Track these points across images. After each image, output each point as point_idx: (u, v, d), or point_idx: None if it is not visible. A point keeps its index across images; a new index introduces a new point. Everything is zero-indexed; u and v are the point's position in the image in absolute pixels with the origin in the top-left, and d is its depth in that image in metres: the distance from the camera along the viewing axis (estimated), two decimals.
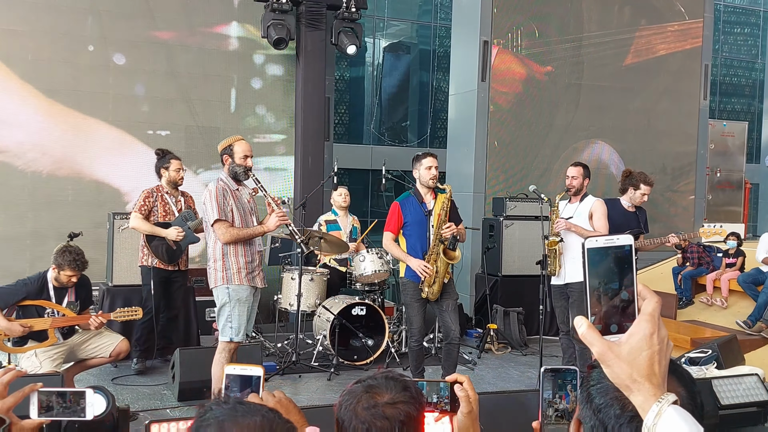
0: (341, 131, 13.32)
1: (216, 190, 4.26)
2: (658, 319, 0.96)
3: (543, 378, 1.37)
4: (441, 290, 4.82)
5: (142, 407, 4.69)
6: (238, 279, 4.28)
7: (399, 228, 4.89)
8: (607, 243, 0.96)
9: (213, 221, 4.24)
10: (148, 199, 5.49)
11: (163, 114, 7.81)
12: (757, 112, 16.05)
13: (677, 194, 9.99)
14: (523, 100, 9.10)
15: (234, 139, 4.48)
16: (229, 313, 4.28)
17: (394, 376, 1.47)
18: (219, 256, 4.29)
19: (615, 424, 1.03)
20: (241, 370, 1.46)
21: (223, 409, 1.07)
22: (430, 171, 4.82)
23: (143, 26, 7.68)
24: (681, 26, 9.98)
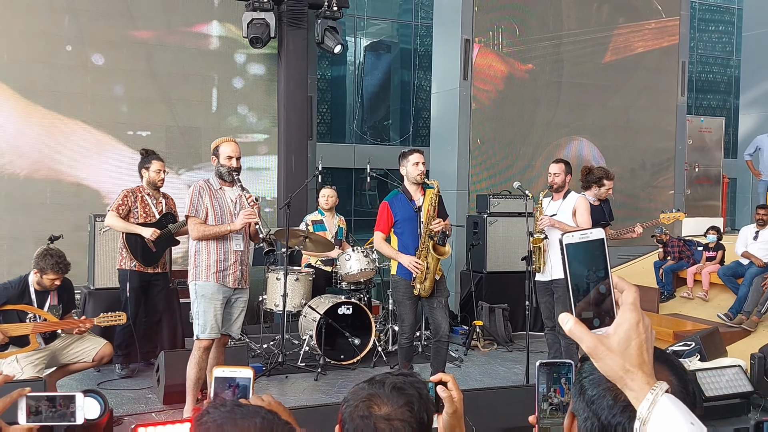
0: (323, 130, 13.28)
1: (193, 188, 4.39)
2: (639, 307, 0.97)
3: (538, 372, 1.36)
4: (432, 287, 4.82)
5: (126, 411, 4.64)
6: (205, 276, 4.32)
7: (389, 227, 4.88)
8: (582, 238, 0.97)
9: (185, 217, 4.39)
10: (127, 198, 5.40)
11: (143, 114, 7.72)
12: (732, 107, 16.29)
13: (656, 189, 10.10)
14: (505, 98, 9.14)
15: (222, 141, 4.51)
16: (196, 309, 4.34)
17: (403, 387, 1.41)
18: (192, 252, 4.40)
19: (608, 415, 1.03)
20: (230, 372, 1.43)
21: (221, 412, 1.06)
22: (418, 167, 4.83)
23: (122, 26, 7.59)
24: (658, 24, 10.09)
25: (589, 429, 1.06)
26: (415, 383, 1.45)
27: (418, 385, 1.45)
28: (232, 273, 4.38)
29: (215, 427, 1.02)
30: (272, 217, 8.17)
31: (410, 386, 1.42)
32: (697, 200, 11.23)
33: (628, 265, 9.50)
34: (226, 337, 4.51)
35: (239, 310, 4.52)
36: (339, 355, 5.83)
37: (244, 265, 4.51)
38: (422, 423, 1.41)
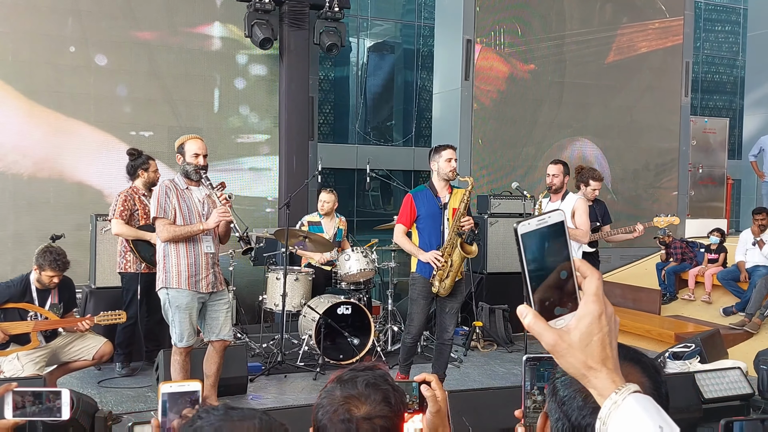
0: (326, 131, 13.30)
1: (159, 188, 4.23)
2: (602, 297, 0.91)
3: (524, 367, 1.37)
4: (452, 286, 4.68)
5: (126, 410, 4.66)
6: (176, 282, 4.18)
7: (412, 221, 4.72)
8: (540, 224, 0.91)
9: (152, 219, 4.22)
10: (127, 203, 5.37)
11: (145, 115, 7.76)
12: (738, 108, 16.22)
13: (660, 190, 10.08)
14: (507, 98, 9.13)
15: (186, 138, 4.34)
16: (172, 318, 4.23)
17: (376, 382, 1.41)
18: (161, 257, 4.22)
19: (578, 416, 1.03)
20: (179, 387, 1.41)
21: (216, 415, 1.05)
22: (450, 163, 4.68)
23: (125, 26, 7.63)
24: (662, 24, 10.06)
25: (561, 430, 1.06)
26: (385, 376, 1.45)
27: (387, 377, 1.45)
28: (204, 278, 4.25)
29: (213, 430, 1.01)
30: (273, 217, 8.20)
31: (382, 380, 1.42)
32: (700, 201, 11.20)
33: (631, 266, 9.49)
34: (224, 342, 4.44)
35: (224, 312, 4.41)
36: (338, 355, 5.84)
37: (217, 267, 4.36)
38: (400, 413, 1.42)
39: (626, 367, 1.05)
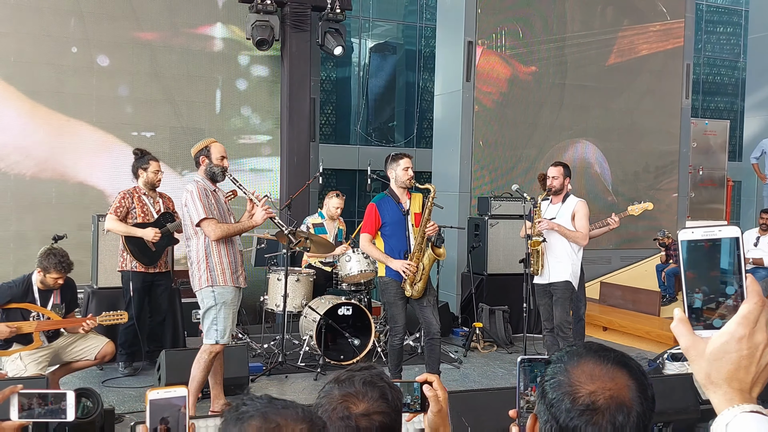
0: (328, 132, 13.32)
1: (198, 190, 4.26)
2: (754, 322, 0.90)
3: (518, 368, 1.39)
4: (424, 288, 4.86)
5: (128, 409, 4.69)
6: (222, 279, 4.26)
7: (377, 229, 4.90)
8: (705, 235, 0.92)
9: (199, 220, 4.22)
10: (125, 200, 5.43)
11: (147, 115, 7.79)
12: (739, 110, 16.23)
13: (660, 192, 10.09)
14: (508, 100, 9.15)
15: (209, 141, 4.48)
16: (215, 315, 4.26)
17: (373, 380, 1.44)
18: (203, 257, 4.26)
19: (566, 418, 1.05)
20: (165, 393, 1.39)
21: (260, 403, 1.06)
22: (408, 172, 4.87)
23: (127, 27, 7.66)
24: (663, 26, 10.08)
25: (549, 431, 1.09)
26: (381, 374, 1.48)
27: (384, 375, 1.48)
28: (241, 273, 4.42)
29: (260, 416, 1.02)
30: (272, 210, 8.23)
31: (378, 378, 1.45)
32: (701, 203, 11.22)
33: (631, 268, 9.51)
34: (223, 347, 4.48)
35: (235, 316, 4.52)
36: (339, 356, 5.86)
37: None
38: (398, 410, 1.45)
39: (614, 370, 1.08)
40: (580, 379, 1.07)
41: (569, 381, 1.07)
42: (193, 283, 4.36)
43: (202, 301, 4.32)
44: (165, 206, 5.65)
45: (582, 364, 1.09)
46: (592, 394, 1.05)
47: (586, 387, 1.06)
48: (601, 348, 1.12)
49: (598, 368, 1.08)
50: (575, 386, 1.06)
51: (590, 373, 1.07)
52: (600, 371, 1.07)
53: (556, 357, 1.13)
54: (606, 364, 1.08)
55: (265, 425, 1.00)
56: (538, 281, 5.36)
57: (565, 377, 1.08)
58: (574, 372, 1.08)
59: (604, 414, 1.04)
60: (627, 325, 7.38)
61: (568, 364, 1.10)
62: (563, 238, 5.22)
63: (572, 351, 1.13)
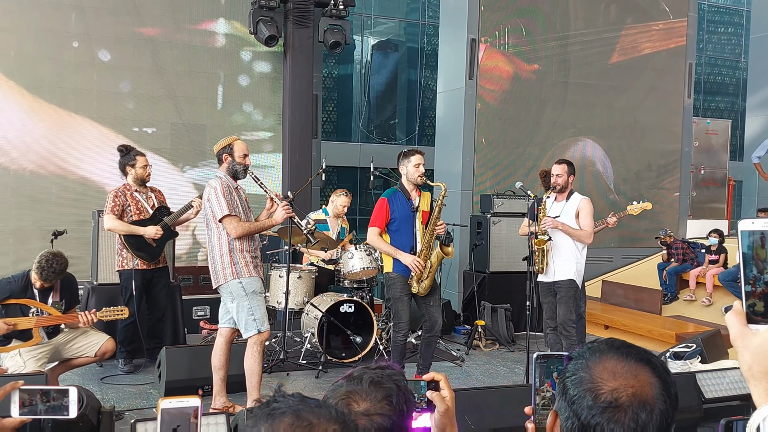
0: (329, 129, 13.30)
1: (222, 186, 4.34)
2: None
3: (534, 365, 1.37)
4: (430, 285, 4.88)
5: (128, 406, 4.66)
6: (247, 272, 4.35)
7: (386, 223, 4.90)
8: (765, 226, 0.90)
9: (222, 216, 4.30)
10: (118, 199, 5.39)
11: (148, 111, 7.76)
12: (740, 110, 16.21)
13: (662, 191, 10.07)
14: (511, 98, 9.13)
15: (233, 139, 4.55)
16: (249, 306, 4.33)
17: (381, 381, 1.42)
18: (226, 251, 4.34)
19: (588, 415, 1.04)
20: (177, 403, 1.37)
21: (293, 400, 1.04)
22: (419, 168, 4.87)
23: (128, 22, 7.62)
24: (666, 25, 10.05)
25: (570, 428, 1.07)
26: (393, 375, 1.45)
27: (396, 377, 1.45)
28: (259, 265, 4.51)
29: (293, 414, 1.00)
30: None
31: (388, 379, 1.43)
32: (702, 203, 11.20)
33: (633, 266, 9.49)
34: (236, 331, 4.53)
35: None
36: (340, 353, 5.84)
37: None
38: (402, 414, 1.42)
39: (637, 367, 1.06)
40: (602, 376, 1.05)
41: (591, 377, 1.05)
42: (216, 279, 4.40)
43: (230, 294, 4.36)
44: (158, 200, 5.61)
45: (604, 361, 1.07)
46: (615, 391, 1.03)
47: (609, 384, 1.04)
48: (624, 344, 1.10)
49: (620, 365, 1.06)
50: (597, 383, 1.05)
51: (612, 370, 1.05)
52: (622, 368, 1.06)
53: (578, 353, 1.11)
54: (629, 361, 1.06)
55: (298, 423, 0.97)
56: (543, 279, 5.34)
57: (587, 374, 1.06)
58: (596, 368, 1.06)
59: (627, 411, 1.02)
60: (629, 324, 7.36)
61: (590, 360, 1.08)
62: (567, 236, 5.19)
63: (594, 347, 1.11)
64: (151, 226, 5.37)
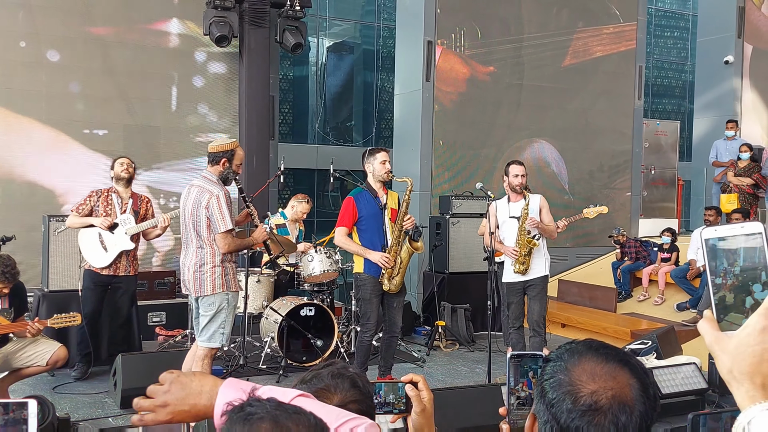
0: (285, 131, 13.18)
1: (225, 197, 4.31)
2: None
3: (508, 365, 1.36)
4: (401, 282, 4.90)
5: (82, 416, 4.52)
6: (234, 285, 4.38)
7: (353, 223, 4.89)
8: (729, 232, 0.92)
9: (225, 230, 4.26)
10: (90, 198, 5.32)
11: (99, 112, 7.56)
12: (687, 112, 16.71)
13: (614, 191, 10.30)
14: (467, 100, 9.21)
15: (235, 145, 4.52)
16: (224, 319, 4.31)
17: (341, 372, 1.46)
18: (219, 262, 4.32)
19: (567, 419, 1.03)
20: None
21: (269, 405, 1.00)
22: (385, 165, 4.88)
23: (78, 22, 7.41)
24: (616, 29, 10.29)
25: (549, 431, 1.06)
26: (347, 366, 1.50)
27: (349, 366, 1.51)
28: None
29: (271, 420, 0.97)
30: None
31: (345, 369, 1.47)
32: (653, 202, 11.49)
33: (587, 265, 9.67)
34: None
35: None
36: (301, 357, 5.78)
37: None
38: (371, 396, 1.46)
39: (616, 368, 1.06)
40: (581, 378, 1.04)
41: (570, 380, 1.05)
42: (201, 288, 4.31)
43: (212, 305, 4.30)
44: (134, 208, 5.45)
45: (582, 363, 1.06)
46: (594, 393, 1.02)
47: (588, 386, 1.03)
48: (602, 345, 1.10)
49: (599, 367, 1.05)
50: (576, 385, 1.04)
51: (591, 372, 1.05)
52: (601, 370, 1.05)
53: (556, 355, 1.11)
54: (607, 363, 1.06)
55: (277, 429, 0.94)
56: (514, 279, 5.35)
57: (565, 376, 1.05)
58: (575, 371, 1.05)
59: (607, 414, 1.01)
60: (584, 322, 7.50)
61: (569, 362, 1.07)
62: (540, 234, 5.28)
63: (572, 349, 1.10)
64: (99, 218, 5.27)
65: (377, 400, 1.52)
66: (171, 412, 1.23)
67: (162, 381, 1.28)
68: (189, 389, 1.23)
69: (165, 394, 1.24)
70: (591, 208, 5.81)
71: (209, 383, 1.25)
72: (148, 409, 1.23)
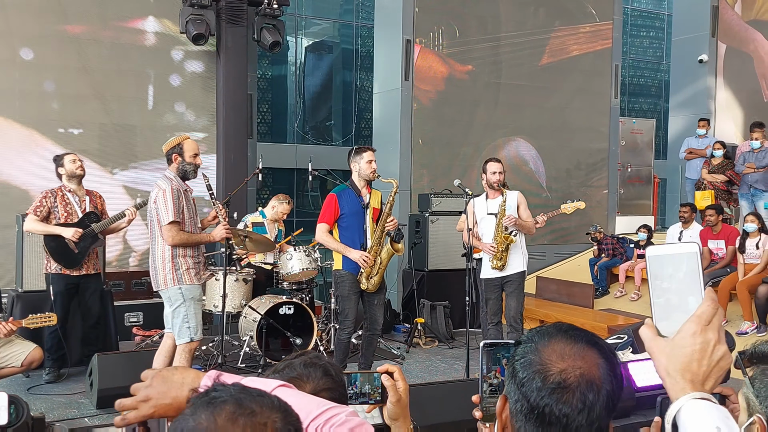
0: (264, 130, 13.13)
1: (171, 190, 4.27)
2: (707, 322, 1.03)
3: (481, 353, 1.38)
4: (380, 282, 4.92)
5: (58, 417, 4.47)
6: (188, 278, 4.33)
7: (335, 220, 4.88)
8: (672, 250, 1.06)
9: (167, 222, 4.24)
10: (47, 199, 5.19)
11: (75, 111, 7.47)
12: (662, 111, 16.92)
13: (591, 189, 10.40)
14: (445, 99, 9.24)
15: (182, 138, 4.50)
16: (185, 313, 4.30)
17: (313, 361, 1.48)
18: (168, 256, 4.30)
19: (537, 397, 1.05)
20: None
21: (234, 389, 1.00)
22: (371, 165, 4.89)
23: (52, 20, 7.32)
24: (592, 28, 10.39)
25: (519, 411, 1.08)
26: (319, 355, 1.53)
27: (322, 355, 1.53)
28: (200, 271, 4.50)
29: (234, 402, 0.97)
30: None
31: (317, 358, 1.49)
32: (629, 200, 11.63)
33: (565, 262, 9.76)
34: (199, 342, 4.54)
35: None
36: (280, 356, 5.75)
37: None
38: (343, 384, 1.48)
39: (584, 349, 1.08)
40: (550, 358, 1.07)
41: (540, 360, 1.07)
42: (156, 282, 4.36)
43: (168, 300, 4.34)
44: (93, 205, 5.41)
45: (553, 343, 1.09)
46: (563, 372, 1.05)
47: (557, 365, 1.06)
48: (571, 328, 1.12)
49: (568, 347, 1.08)
50: (546, 365, 1.06)
51: (561, 352, 1.07)
52: (570, 350, 1.07)
53: (527, 337, 1.13)
54: (576, 343, 1.08)
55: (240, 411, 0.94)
56: (491, 275, 5.39)
57: (536, 356, 1.08)
58: (545, 351, 1.08)
59: (575, 392, 1.04)
60: (562, 318, 7.56)
61: (539, 343, 1.10)
62: (518, 230, 5.32)
63: (543, 331, 1.13)
64: (69, 228, 5.15)
65: (353, 391, 1.53)
66: (153, 406, 1.23)
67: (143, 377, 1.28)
68: (170, 382, 1.24)
69: (146, 389, 1.24)
70: (568, 203, 5.87)
71: (191, 376, 1.26)
72: (130, 407, 1.23)
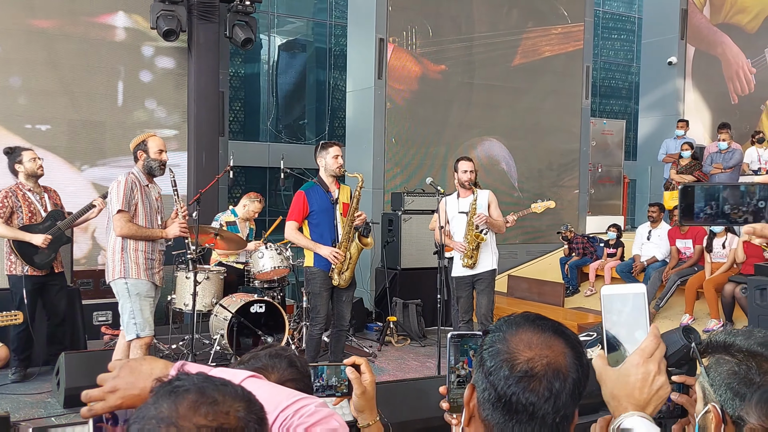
0: (237, 128, 13.03)
1: (126, 182, 4.27)
2: (649, 355, 1.15)
3: (449, 344, 1.39)
4: (351, 277, 4.93)
5: (23, 416, 4.39)
6: (135, 273, 4.27)
7: (304, 217, 4.89)
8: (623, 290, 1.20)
9: (116, 211, 4.23)
10: (8, 200, 5.06)
11: (42, 107, 7.33)
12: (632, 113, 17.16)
13: (563, 189, 10.51)
14: (419, 98, 9.27)
15: (147, 135, 4.50)
16: (131, 308, 4.25)
17: (278, 352, 1.49)
18: (118, 248, 4.27)
19: (504, 385, 1.06)
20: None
21: (197, 378, 1.00)
22: (337, 160, 4.89)
23: (19, 14, 7.18)
24: (564, 29, 10.50)
25: (487, 399, 1.09)
26: (285, 347, 1.55)
27: (288, 347, 1.54)
28: (158, 271, 4.43)
29: (197, 391, 0.97)
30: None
31: (283, 350, 1.50)
32: (600, 200, 11.78)
33: (536, 261, 9.85)
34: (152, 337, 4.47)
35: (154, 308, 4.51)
36: None
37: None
38: (308, 375, 1.50)
39: (551, 338, 1.10)
40: (518, 347, 1.08)
41: (507, 349, 1.08)
42: (107, 274, 4.34)
43: (117, 294, 4.31)
44: (53, 202, 5.31)
45: (520, 333, 1.10)
46: (530, 360, 1.06)
47: (524, 354, 1.07)
48: (539, 317, 1.14)
49: (535, 336, 1.09)
50: (513, 354, 1.07)
51: (528, 341, 1.09)
52: (537, 339, 1.09)
53: (495, 326, 1.14)
54: (543, 333, 1.10)
55: (202, 400, 0.94)
56: (462, 273, 5.42)
57: (503, 345, 1.09)
58: (513, 340, 1.09)
59: (542, 380, 1.05)
60: None
61: (507, 332, 1.11)
62: (489, 228, 5.36)
63: (510, 320, 1.14)
64: (39, 235, 5.05)
65: (320, 383, 1.53)
66: (121, 397, 1.21)
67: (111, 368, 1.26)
68: (138, 373, 1.22)
69: (114, 379, 1.22)
70: (539, 203, 5.93)
71: (159, 366, 1.25)
72: (97, 398, 1.21)
